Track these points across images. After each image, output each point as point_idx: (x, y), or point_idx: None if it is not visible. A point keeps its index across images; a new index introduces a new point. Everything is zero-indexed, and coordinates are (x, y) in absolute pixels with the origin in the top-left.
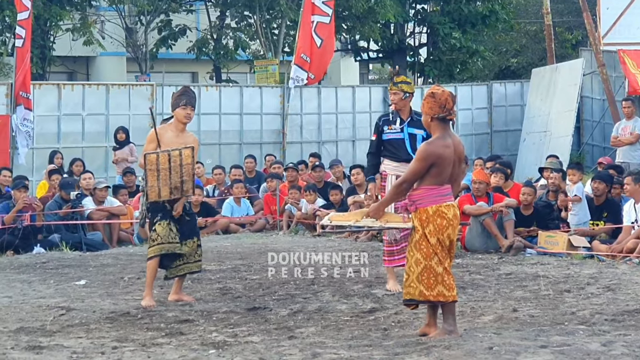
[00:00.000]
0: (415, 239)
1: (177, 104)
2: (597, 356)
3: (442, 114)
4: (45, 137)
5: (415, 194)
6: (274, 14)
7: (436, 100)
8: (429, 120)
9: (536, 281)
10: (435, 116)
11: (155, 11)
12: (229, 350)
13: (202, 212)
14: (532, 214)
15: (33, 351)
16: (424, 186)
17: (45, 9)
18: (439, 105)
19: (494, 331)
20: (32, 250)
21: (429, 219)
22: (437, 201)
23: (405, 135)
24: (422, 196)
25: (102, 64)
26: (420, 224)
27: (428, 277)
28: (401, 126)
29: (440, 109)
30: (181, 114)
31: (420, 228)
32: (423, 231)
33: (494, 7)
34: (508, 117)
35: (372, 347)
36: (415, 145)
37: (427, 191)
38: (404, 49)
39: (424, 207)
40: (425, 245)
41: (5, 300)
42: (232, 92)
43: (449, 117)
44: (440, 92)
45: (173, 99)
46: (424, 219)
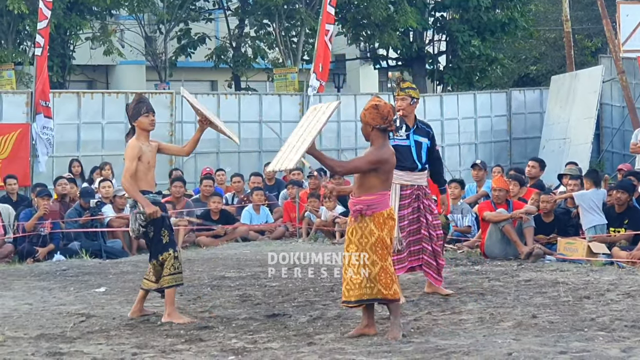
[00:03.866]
0: (372, 241)
1: (139, 112)
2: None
3: (384, 125)
4: (65, 145)
5: (372, 199)
6: (293, 22)
7: (379, 112)
8: (369, 129)
9: (555, 288)
10: (377, 127)
11: (175, 20)
12: (248, 356)
13: (221, 220)
14: (552, 221)
15: (53, 357)
16: (379, 192)
17: (65, 18)
18: (382, 116)
19: (513, 337)
20: (53, 258)
21: (385, 222)
22: (388, 205)
23: (412, 143)
24: (379, 201)
25: (121, 72)
26: (377, 227)
27: (385, 277)
28: (407, 133)
29: (382, 120)
30: (146, 122)
31: (377, 231)
32: (380, 234)
33: (513, 15)
34: (527, 124)
35: (391, 353)
36: (420, 153)
37: (382, 197)
38: (423, 57)
39: (380, 212)
40: (381, 247)
41: (26, 307)
42: (251, 100)
43: (389, 128)
44: (383, 104)
45: (130, 110)
46: (381, 222)
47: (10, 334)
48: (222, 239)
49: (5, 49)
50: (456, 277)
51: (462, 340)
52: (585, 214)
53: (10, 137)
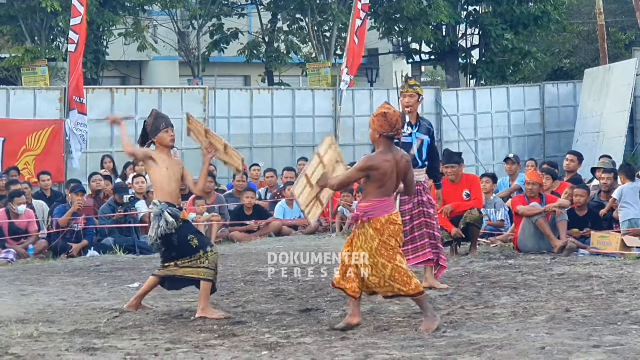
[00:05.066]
0: (375, 246)
1: (158, 128)
2: None
3: (391, 133)
4: (98, 142)
5: (368, 206)
6: (325, 17)
7: (387, 120)
8: (377, 136)
9: (589, 282)
10: (384, 134)
11: (208, 15)
12: (281, 351)
13: (254, 215)
14: (586, 214)
15: (87, 353)
16: (375, 198)
17: (98, 14)
18: (390, 124)
19: (547, 331)
20: (87, 254)
21: (383, 227)
22: (387, 211)
23: (414, 140)
24: (375, 208)
25: (154, 68)
26: (376, 233)
27: (400, 276)
28: (410, 131)
29: (390, 128)
30: (167, 138)
31: (377, 236)
32: (381, 238)
33: (547, 8)
34: (561, 118)
35: (424, 347)
36: (421, 150)
37: (378, 203)
38: (456, 51)
39: (377, 218)
40: (385, 249)
41: (60, 303)
42: (284, 95)
43: (397, 136)
44: (392, 112)
45: (150, 126)
46: (379, 228)
47: (44, 329)
48: (256, 234)
49: (39, 46)
50: (489, 271)
51: (496, 334)
52: (622, 208)
53: (44, 133)
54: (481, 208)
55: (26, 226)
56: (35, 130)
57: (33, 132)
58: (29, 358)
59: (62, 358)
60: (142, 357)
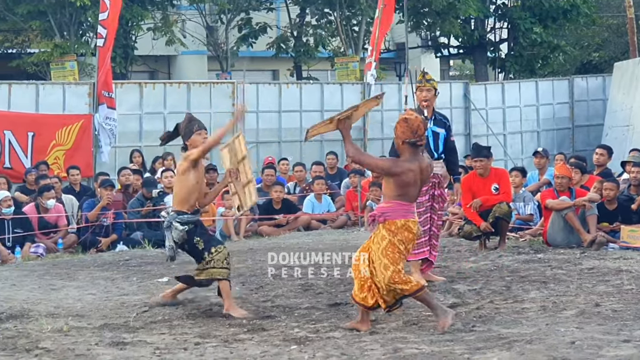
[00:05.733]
0: (383, 246)
1: (191, 131)
2: None
3: (413, 139)
4: (127, 136)
5: (386, 207)
6: (354, 11)
7: (409, 126)
8: (400, 143)
9: (619, 276)
10: (407, 140)
11: (236, 9)
12: (310, 345)
13: (283, 209)
14: (615, 208)
15: (117, 347)
16: (395, 201)
17: (127, 8)
18: (411, 130)
19: (576, 326)
20: (116, 248)
21: (397, 230)
22: (404, 216)
23: (429, 133)
24: (393, 210)
25: (183, 62)
26: (388, 233)
27: (400, 277)
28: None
29: (412, 134)
30: (199, 141)
31: (388, 237)
32: (392, 239)
33: (576, 1)
34: (590, 111)
35: (453, 342)
36: (437, 143)
37: (398, 206)
38: (485, 45)
39: (393, 220)
40: (392, 251)
41: (89, 297)
42: (312, 89)
43: (419, 142)
44: (414, 118)
45: (182, 129)
46: (393, 230)
47: (74, 323)
48: (284, 228)
49: (68, 40)
50: (518, 265)
51: (525, 328)
52: None
53: (73, 127)
54: (510, 202)
55: (55, 220)
56: (64, 124)
57: (62, 127)
58: (59, 352)
59: (91, 352)
60: (171, 352)
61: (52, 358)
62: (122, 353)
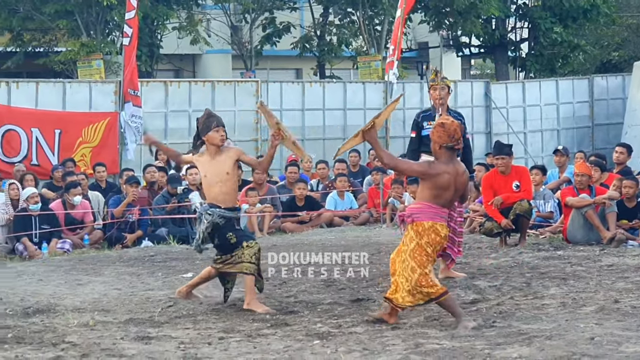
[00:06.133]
0: (411, 247)
1: (209, 127)
2: None
3: (450, 143)
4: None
5: (415, 208)
6: (376, 11)
7: (446, 130)
8: (437, 147)
9: (638, 272)
10: (444, 145)
11: (260, 9)
12: (333, 340)
13: (306, 206)
14: (635, 206)
15: (142, 341)
16: (426, 203)
17: (152, 8)
18: (448, 135)
19: (596, 322)
20: (141, 244)
21: (424, 232)
22: (433, 218)
23: None
24: (422, 211)
25: (207, 61)
26: (416, 235)
27: (426, 281)
28: None
29: (448, 139)
30: (216, 138)
31: (415, 238)
32: (419, 241)
33: (596, 1)
34: (610, 110)
35: (474, 337)
36: None
37: (427, 207)
38: (505, 44)
39: (420, 221)
40: (419, 254)
41: (115, 292)
42: (335, 87)
43: (456, 146)
44: (450, 122)
45: (201, 124)
46: (420, 231)
47: (100, 318)
48: (307, 224)
49: (94, 39)
50: (539, 262)
51: (545, 324)
52: None
53: (100, 125)
54: (530, 199)
55: (82, 217)
56: (90, 122)
57: (89, 124)
58: (85, 346)
59: (117, 346)
60: (196, 346)
61: (78, 352)
62: (147, 347)
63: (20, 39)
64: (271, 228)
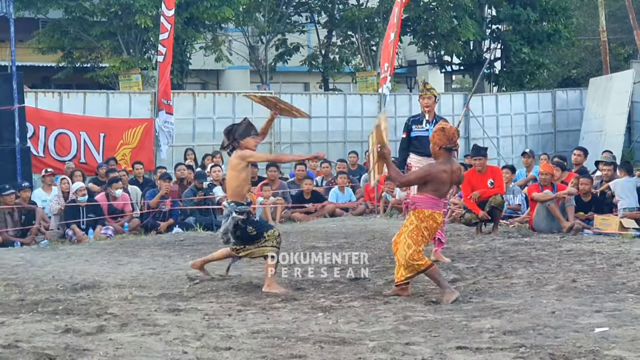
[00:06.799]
0: (410, 229)
1: (249, 133)
2: None
3: (449, 145)
4: (182, 137)
5: (418, 197)
6: (372, 34)
7: (445, 134)
8: (437, 148)
9: (592, 257)
10: (443, 146)
11: (274, 31)
12: (334, 313)
13: (312, 199)
14: (590, 200)
15: (172, 313)
16: (427, 194)
17: (182, 30)
18: (447, 138)
19: (556, 298)
20: (172, 231)
21: (424, 218)
22: (433, 207)
23: (430, 134)
24: (423, 201)
25: (229, 76)
26: (416, 219)
27: (419, 256)
28: (427, 127)
29: (447, 141)
30: (253, 143)
31: (415, 222)
32: (418, 224)
33: (558, 27)
34: (569, 119)
35: (453, 311)
36: None
37: (428, 199)
38: (482, 62)
39: (422, 209)
40: (416, 234)
41: (150, 271)
42: (337, 99)
43: (454, 148)
44: (449, 127)
45: (241, 129)
46: (421, 217)
47: (137, 293)
48: (313, 215)
49: (133, 57)
50: (509, 247)
51: (513, 300)
52: (619, 199)
53: (138, 129)
54: (503, 194)
55: (122, 207)
56: (130, 127)
57: (128, 129)
58: (124, 317)
59: (151, 317)
60: (218, 317)
61: (118, 322)
62: (176, 318)
63: (71, 56)
64: (282, 217)
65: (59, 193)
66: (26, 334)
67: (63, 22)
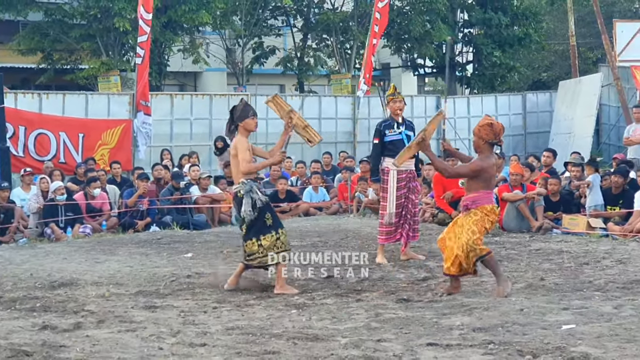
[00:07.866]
0: (475, 219)
1: (247, 114)
2: (610, 317)
3: (495, 140)
4: (160, 138)
5: (475, 196)
6: (347, 37)
7: (493, 130)
8: (482, 143)
9: (560, 255)
10: (489, 141)
11: (250, 35)
12: (307, 310)
13: (287, 198)
14: (558, 200)
15: (149, 310)
16: (483, 191)
17: (161, 33)
18: (494, 133)
19: (525, 296)
20: (150, 229)
21: (488, 213)
22: (491, 202)
23: (403, 136)
24: (482, 197)
25: (206, 77)
26: (482, 214)
27: (479, 242)
28: (399, 130)
29: (494, 136)
30: (252, 124)
31: (480, 214)
32: (483, 217)
33: (528, 31)
34: (539, 121)
35: (424, 308)
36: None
37: (485, 194)
38: (454, 65)
39: (483, 205)
40: (482, 224)
41: (127, 269)
42: (312, 100)
43: (499, 143)
44: (497, 123)
45: (238, 111)
46: (486, 212)
47: (114, 290)
48: (288, 214)
49: (112, 59)
50: None
51: (483, 298)
52: (590, 194)
53: (116, 130)
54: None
55: (100, 206)
56: (108, 127)
57: (107, 129)
58: (101, 314)
59: (128, 314)
60: (194, 314)
61: (95, 318)
62: (153, 315)
63: (50, 58)
64: None
65: (38, 192)
66: (3, 331)
67: (43, 24)
